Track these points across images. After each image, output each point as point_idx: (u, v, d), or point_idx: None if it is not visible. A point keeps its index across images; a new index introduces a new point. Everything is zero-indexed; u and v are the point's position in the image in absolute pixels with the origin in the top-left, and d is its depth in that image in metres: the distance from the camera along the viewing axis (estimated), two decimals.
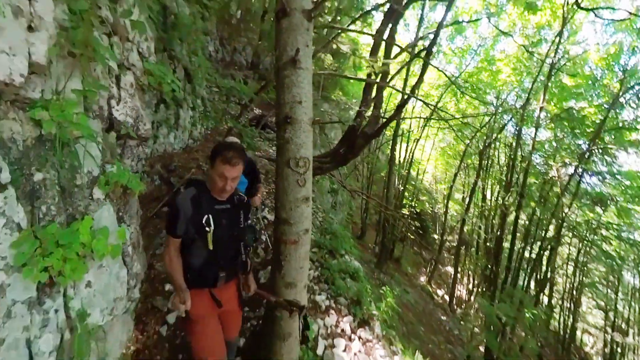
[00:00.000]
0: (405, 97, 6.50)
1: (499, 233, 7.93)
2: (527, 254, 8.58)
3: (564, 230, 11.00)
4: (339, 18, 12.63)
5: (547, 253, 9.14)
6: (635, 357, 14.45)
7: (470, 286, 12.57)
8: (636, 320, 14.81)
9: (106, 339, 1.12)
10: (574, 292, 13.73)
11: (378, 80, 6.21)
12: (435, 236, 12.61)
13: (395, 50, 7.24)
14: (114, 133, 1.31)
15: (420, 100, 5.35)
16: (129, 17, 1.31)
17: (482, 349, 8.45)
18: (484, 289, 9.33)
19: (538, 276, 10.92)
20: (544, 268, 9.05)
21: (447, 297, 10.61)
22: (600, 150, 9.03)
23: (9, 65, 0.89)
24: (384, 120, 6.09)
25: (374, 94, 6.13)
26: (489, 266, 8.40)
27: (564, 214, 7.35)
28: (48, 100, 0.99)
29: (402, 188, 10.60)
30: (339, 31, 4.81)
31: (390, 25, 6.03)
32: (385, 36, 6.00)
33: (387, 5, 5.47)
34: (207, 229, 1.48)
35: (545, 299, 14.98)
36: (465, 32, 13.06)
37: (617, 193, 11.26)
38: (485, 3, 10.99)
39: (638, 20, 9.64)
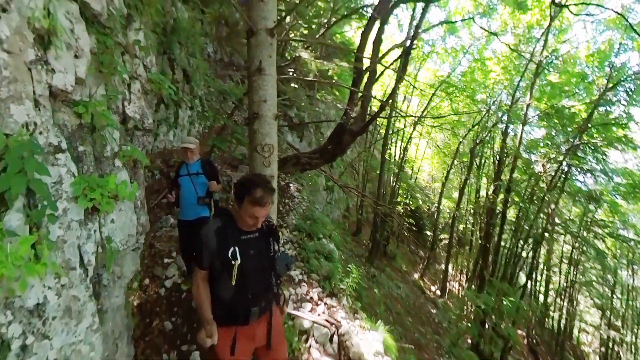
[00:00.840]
0: (396, 96, 7.05)
1: (486, 228, 8.40)
2: (516, 249, 9.01)
3: (555, 227, 11.44)
4: (333, 19, 13.30)
5: (537, 248, 9.54)
6: (631, 355, 14.76)
7: (463, 281, 13.02)
8: (633, 319, 15.12)
9: (122, 264, 1.68)
10: (568, 290, 14.11)
11: (365, 77, 6.80)
12: (428, 232, 13.10)
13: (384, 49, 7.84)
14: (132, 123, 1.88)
15: (397, 112, 5.89)
16: (138, 45, 1.88)
17: (470, 341, 8.93)
18: (474, 283, 9.81)
19: (531, 271, 11.36)
20: (533, 261, 9.44)
21: (439, 293, 11.10)
22: (592, 148, 9.46)
23: (64, 79, 1.47)
24: (369, 118, 6.65)
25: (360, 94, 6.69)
26: (477, 261, 8.86)
27: (550, 209, 7.81)
28: (85, 101, 1.57)
29: (396, 185, 11.10)
30: (322, 38, 5.38)
31: (378, 27, 6.62)
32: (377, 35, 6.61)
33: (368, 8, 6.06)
34: (232, 262, 1.44)
35: (541, 297, 15.37)
36: (458, 33, 13.61)
37: (610, 190, 11.68)
38: (476, 3, 11.51)
39: (627, 17, 10.07)
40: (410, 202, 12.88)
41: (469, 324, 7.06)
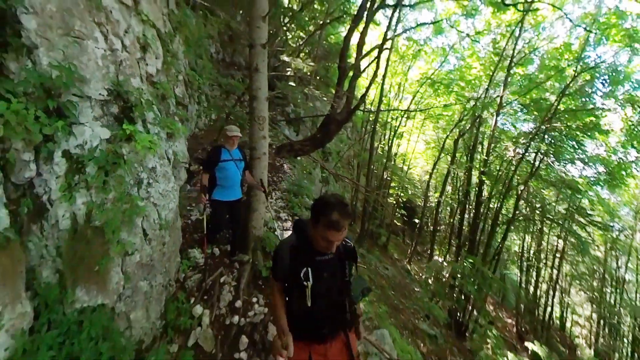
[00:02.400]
0: (382, 93, 8.45)
1: (462, 209, 9.67)
2: (491, 229, 10.26)
3: (536, 214, 12.68)
4: (328, 21, 14.91)
5: (508, 228, 10.66)
6: (622, 345, 15.78)
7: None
8: (623, 310, 16.14)
9: (180, 171, 3.10)
10: (553, 280, 15.24)
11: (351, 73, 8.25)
12: (416, 220, 14.42)
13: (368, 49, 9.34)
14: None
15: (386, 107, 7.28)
16: (185, 53, 3.30)
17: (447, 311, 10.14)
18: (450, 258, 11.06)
19: (498, 250, 12.32)
20: (502, 241, 10.65)
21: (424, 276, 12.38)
22: (563, 134, 10.64)
23: (152, 69, 2.92)
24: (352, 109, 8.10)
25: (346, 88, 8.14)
26: (450, 239, 10.13)
27: (519, 190, 9.09)
28: (159, 82, 3.02)
29: (384, 176, 12.45)
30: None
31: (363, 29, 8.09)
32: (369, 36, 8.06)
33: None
34: (305, 283, 1.47)
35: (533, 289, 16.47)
36: (448, 31, 15.08)
37: (589, 179, 12.87)
38: (459, 5, 12.97)
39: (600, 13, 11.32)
40: (402, 194, 14.23)
41: (437, 286, 8.32)
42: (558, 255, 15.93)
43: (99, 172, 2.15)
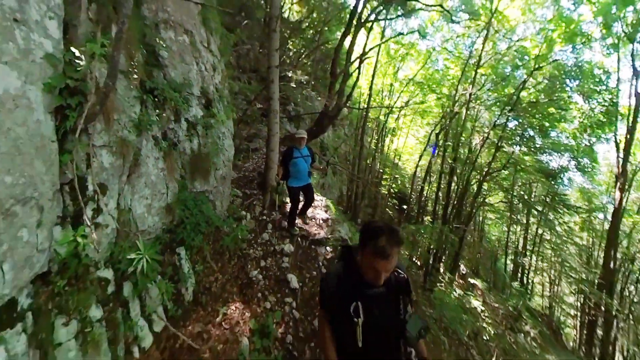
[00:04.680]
0: (369, 89, 11.35)
1: (435, 194, 12.44)
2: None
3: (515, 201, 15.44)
4: (326, 28, 18.14)
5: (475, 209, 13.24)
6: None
7: None
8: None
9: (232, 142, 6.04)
10: (533, 266, 17.85)
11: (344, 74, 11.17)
12: (404, 206, 17.25)
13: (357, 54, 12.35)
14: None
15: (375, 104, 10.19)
16: (229, 68, 6.16)
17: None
18: None
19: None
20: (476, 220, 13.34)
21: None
22: (527, 125, 13.37)
23: (217, 81, 5.93)
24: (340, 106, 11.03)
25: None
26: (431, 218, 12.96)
27: (484, 172, 11.88)
28: (220, 89, 6.02)
29: (372, 165, 15.35)
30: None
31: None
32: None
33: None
34: (355, 319, 1.47)
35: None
36: (429, 37, 18.14)
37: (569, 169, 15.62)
38: (441, 15, 16.03)
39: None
40: (394, 185, 17.11)
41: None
42: (546, 244, 18.56)
43: (203, 129, 5.08)
